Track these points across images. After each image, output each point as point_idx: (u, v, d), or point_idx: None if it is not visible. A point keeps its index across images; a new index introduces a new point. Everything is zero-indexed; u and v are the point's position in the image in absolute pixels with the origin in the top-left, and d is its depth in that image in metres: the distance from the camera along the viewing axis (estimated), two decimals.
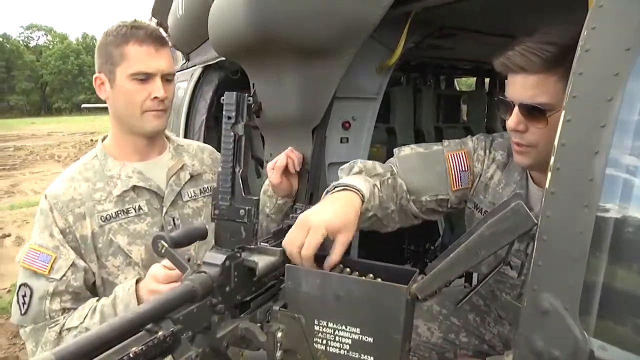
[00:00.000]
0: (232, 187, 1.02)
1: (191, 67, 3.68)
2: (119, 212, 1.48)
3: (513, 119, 1.20)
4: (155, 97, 1.46)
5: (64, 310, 1.39)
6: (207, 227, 1.05)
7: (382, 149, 3.18)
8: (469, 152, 1.44)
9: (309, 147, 1.76)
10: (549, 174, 0.79)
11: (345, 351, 0.98)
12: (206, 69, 3.35)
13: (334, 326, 0.98)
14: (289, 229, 1.13)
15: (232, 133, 1.02)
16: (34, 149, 16.81)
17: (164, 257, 1.03)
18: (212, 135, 3.39)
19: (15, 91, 55.53)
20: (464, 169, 1.42)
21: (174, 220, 1.55)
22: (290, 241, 1.08)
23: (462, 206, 1.49)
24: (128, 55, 1.45)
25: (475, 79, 3.97)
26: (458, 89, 4.38)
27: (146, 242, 1.46)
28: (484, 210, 1.42)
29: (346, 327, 0.97)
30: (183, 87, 3.72)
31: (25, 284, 1.39)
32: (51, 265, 1.38)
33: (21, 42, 65.02)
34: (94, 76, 1.53)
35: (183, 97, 3.62)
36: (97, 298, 1.41)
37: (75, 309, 1.39)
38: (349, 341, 0.97)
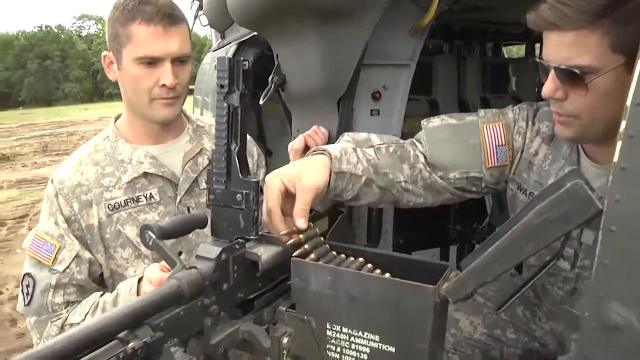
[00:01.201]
0: (227, 167, 0.87)
1: (226, 45, 3.56)
2: (129, 200, 1.36)
3: (548, 86, 1.01)
4: (164, 85, 1.30)
5: (68, 303, 1.30)
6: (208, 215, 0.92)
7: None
8: (507, 124, 1.24)
9: (335, 121, 1.58)
10: (619, 144, 0.60)
11: None
12: (240, 46, 3.20)
13: (349, 332, 0.83)
14: None
15: (225, 104, 0.86)
16: (85, 133, 17.28)
17: (152, 250, 0.90)
18: (248, 116, 3.25)
19: (69, 79, 57.51)
20: (500, 143, 1.22)
21: (189, 209, 1.42)
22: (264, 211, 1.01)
23: (502, 186, 1.29)
24: (133, 36, 1.29)
25: (524, 45, 3.65)
26: (506, 56, 4.05)
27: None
28: (529, 192, 1.22)
29: (363, 334, 0.81)
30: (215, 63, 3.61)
31: (29, 274, 1.31)
32: (55, 256, 1.28)
33: (74, 32, 67.14)
34: (103, 54, 1.39)
35: (213, 73, 3.51)
36: (101, 292, 1.31)
37: (79, 301, 1.30)
38: (367, 350, 0.82)
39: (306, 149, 1.54)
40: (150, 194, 1.38)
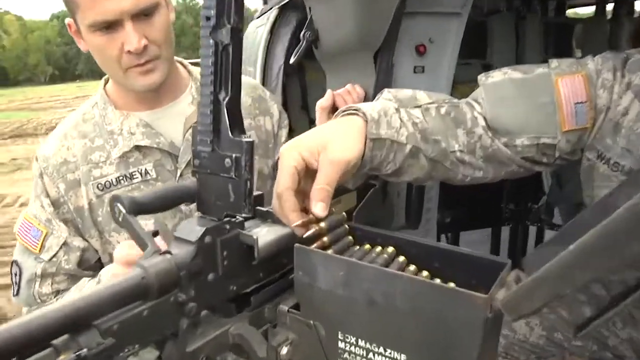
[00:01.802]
0: (213, 124, 0.66)
1: (267, 11, 3.36)
2: (121, 177, 1.18)
3: None
4: (130, 51, 1.08)
5: (58, 292, 1.16)
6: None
7: (476, 88, 2.67)
8: (588, 75, 0.97)
9: (372, 79, 1.35)
10: None
11: None
12: (282, 10, 2.98)
13: (368, 346, 0.62)
14: None
15: (211, 41, 0.65)
16: None
17: (123, 228, 0.72)
18: (292, 82, 3.06)
19: None
20: (581, 99, 0.95)
21: None
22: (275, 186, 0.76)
23: (577, 156, 1.02)
24: (77, 0, 1.06)
25: (594, 7, 3.25)
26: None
27: (156, 215, 1.11)
28: (613, 163, 0.94)
29: (385, 350, 0.60)
30: (260, 32, 3.42)
31: (16, 261, 1.18)
32: (42, 243, 1.14)
33: None
34: (66, 21, 1.18)
35: (259, 43, 3.32)
36: (89, 278, 1.15)
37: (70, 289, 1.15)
38: None
39: (335, 110, 1.32)
40: (145, 169, 1.19)
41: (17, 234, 1.18)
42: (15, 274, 1.17)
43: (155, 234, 0.74)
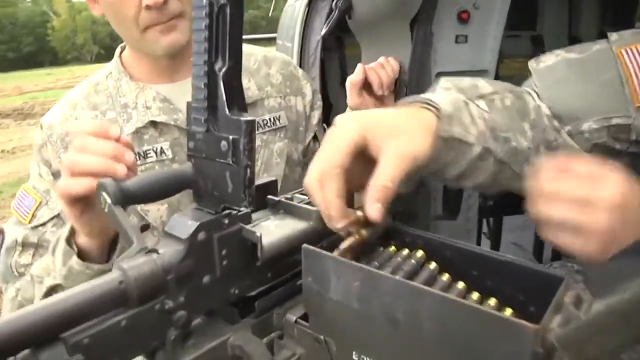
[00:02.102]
0: (208, 99, 0.56)
1: None
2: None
3: None
4: (149, 6, 0.97)
5: None
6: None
7: (525, 63, 2.46)
8: None
9: (408, 50, 1.21)
10: None
11: None
12: None
13: None
14: None
15: (204, 0, 0.55)
16: None
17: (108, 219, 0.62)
18: (331, 57, 2.93)
19: None
20: None
21: None
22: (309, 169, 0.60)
23: None
24: None
25: None
26: None
27: (169, 199, 1.01)
28: None
29: None
30: (298, 6, 3.29)
31: (1, 231, 1.09)
32: (33, 213, 1.03)
33: None
34: None
35: (297, 17, 3.19)
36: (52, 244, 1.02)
37: None
38: None
39: (368, 85, 1.19)
40: (161, 148, 1.08)
41: (12, 207, 1.09)
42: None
43: (144, 228, 0.66)
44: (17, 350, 0.44)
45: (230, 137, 0.54)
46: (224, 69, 0.55)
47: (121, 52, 1.17)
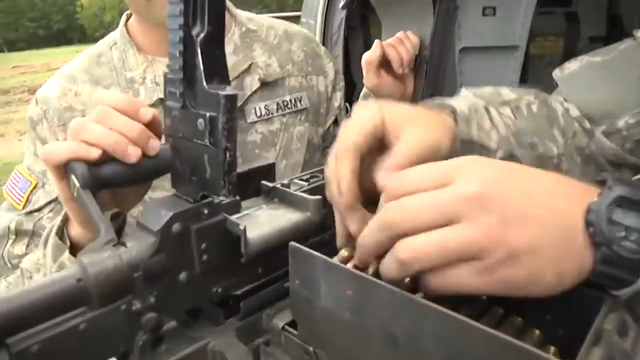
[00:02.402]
0: (184, 69, 0.48)
1: None
2: None
3: None
4: None
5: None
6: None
7: (558, 42, 2.31)
8: None
9: (430, 25, 1.11)
10: None
11: None
12: None
13: None
14: None
15: None
16: None
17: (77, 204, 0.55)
18: (356, 36, 2.82)
19: None
20: None
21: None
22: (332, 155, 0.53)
23: None
24: None
25: None
26: None
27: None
28: None
29: None
30: None
31: None
32: (27, 197, 0.94)
33: None
34: None
35: None
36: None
37: None
38: None
39: (386, 63, 1.10)
40: None
41: (4, 191, 0.99)
42: None
43: (115, 215, 0.59)
44: None
45: (207, 115, 0.46)
46: (202, 35, 0.47)
47: (126, 21, 1.08)
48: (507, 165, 0.44)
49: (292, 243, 0.46)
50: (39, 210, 0.94)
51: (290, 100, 1.11)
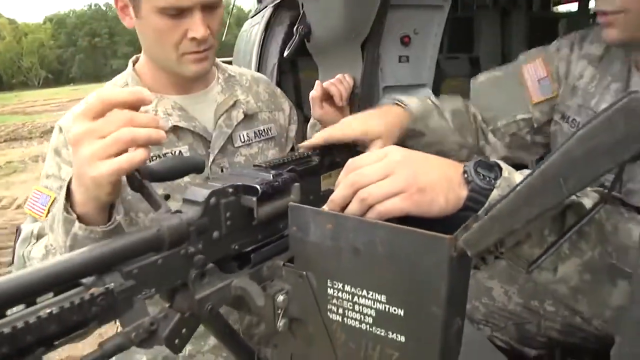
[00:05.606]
0: None
1: (262, 9, 3.45)
2: (154, 157, 1.17)
3: None
4: (194, 38, 1.10)
5: None
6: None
7: (465, 82, 2.76)
8: (547, 56, 1.17)
9: (360, 69, 1.45)
10: None
11: (368, 325, 0.70)
12: (277, 9, 3.08)
13: (353, 290, 0.71)
14: None
15: None
16: None
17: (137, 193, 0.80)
18: (287, 80, 3.14)
19: (117, 56, 58.67)
20: (542, 75, 1.15)
21: (222, 170, 1.25)
22: None
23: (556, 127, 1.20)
24: None
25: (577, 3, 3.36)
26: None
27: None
28: (572, 119, 1.12)
29: (368, 293, 0.69)
30: (254, 31, 3.50)
31: (18, 228, 1.15)
32: (48, 209, 1.09)
33: None
34: None
35: (254, 40, 3.40)
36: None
37: None
38: (373, 312, 0.70)
39: (329, 98, 1.41)
40: (180, 151, 1.19)
41: (26, 209, 1.14)
42: (15, 241, 1.12)
43: (166, 197, 0.83)
44: (84, 275, 0.62)
45: None
46: None
47: (133, 65, 1.27)
48: (414, 150, 0.77)
49: (291, 203, 0.74)
50: None
51: (264, 129, 1.38)
